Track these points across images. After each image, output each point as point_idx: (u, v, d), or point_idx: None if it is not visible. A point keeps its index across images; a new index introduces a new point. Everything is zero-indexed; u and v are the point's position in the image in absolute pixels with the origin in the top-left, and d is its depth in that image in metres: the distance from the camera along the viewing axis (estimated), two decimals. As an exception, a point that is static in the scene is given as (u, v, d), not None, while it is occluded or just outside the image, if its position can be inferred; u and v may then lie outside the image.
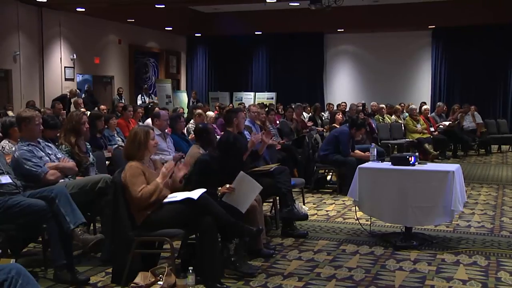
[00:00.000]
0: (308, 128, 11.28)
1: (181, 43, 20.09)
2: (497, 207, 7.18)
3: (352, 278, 4.40)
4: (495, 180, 9.67)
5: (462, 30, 16.74)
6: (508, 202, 7.56)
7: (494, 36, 16.54)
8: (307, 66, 18.82)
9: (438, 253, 5.05)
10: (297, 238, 5.61)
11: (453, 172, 5.18)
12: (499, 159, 12.99)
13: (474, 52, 16.76)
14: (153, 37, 18.36)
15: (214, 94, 19.28)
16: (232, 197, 4.73)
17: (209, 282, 4.16)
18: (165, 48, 19.08)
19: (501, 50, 16.66)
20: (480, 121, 14.24)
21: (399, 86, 17.86)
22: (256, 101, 17.57)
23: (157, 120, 6.88)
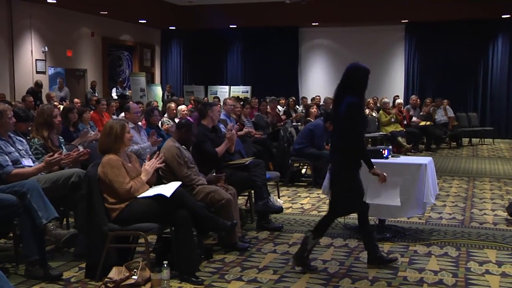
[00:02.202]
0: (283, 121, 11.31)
1: (156, 36, 19.90)
2: (468, 199, 7.32)
3: (327, 270, 4.44)
4: (466, 172, 9.85)
5: (435, 25, 16.94)
6: (478, 194, 7.71)
7: (465, 31, 16.78)
8: (282, 59, 18.84)
9: (411, 245, 5.13)
10: (272, 231, 5.64)
11: (426, 165, 5.26)
12: (470, 152, 13.24)
13: (446, 47, 16.98)
14: (126, 30, 18.16)
15: (189, 87, 19.17)
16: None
17: (185, 276, 4.16)
18: (139, 41, 18.88)
19: (472, 45, 16.91)
20: (452, 115, 14.48)
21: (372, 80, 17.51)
22: (231, 94, 17.52)
23: (128, 113, 6.85)
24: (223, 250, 4.94)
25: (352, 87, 4.37)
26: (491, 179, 9.01)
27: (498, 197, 7.46)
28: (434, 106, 14.40)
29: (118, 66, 18.78)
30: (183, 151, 5.10)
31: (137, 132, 6.69)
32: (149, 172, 4.47)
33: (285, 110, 13.37)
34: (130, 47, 18.77)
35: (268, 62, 18.91)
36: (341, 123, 4.30)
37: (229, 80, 19.62)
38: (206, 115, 5.94)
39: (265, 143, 8.83)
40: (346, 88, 4.37)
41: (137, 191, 4.27)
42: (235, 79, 19.58)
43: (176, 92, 18.69)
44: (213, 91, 18.58)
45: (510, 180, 8.97)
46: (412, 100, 14.24)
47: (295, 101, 14.81)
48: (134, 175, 4.35)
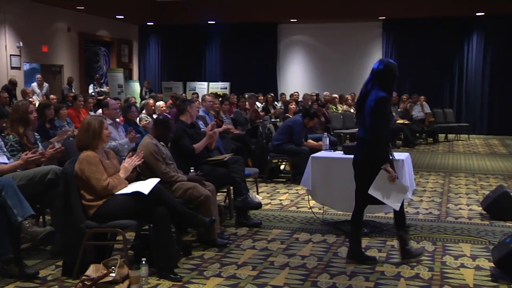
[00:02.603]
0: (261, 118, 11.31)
1: (133, 31, 19.73)
2: (444, 194, 7.42)
3: (305, 266, 4.47)
4: (442, 168, 9.98)
5: (412, 22, 17.10)
6: (453, 189, 7.82)
7: (441, 28, 16.97)
8: (260, 56, 18.84)
9: (388, 240, 5.18)
10: (251, 228, 5.65)
11: (403, 160, 5.32)
12: (446, 147, 13.42)
13: (423, 44, 17.16)
14: (104, 26, 17.96)
15: (167, 84, 19.05)
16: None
17: (163, 273, 4.14)
18: (117, 36, 18.70)
19: (448, 42, 17.12)
20: (429, 111, 14.66)
21: (350, 76, 18.10)
22: (210, 91, 17.46)
23: (106, 109, 6.79)
24: (202, 247, 4.94)
25: (381, 82, 4.43)
26: (466, 174, 9.14)
27: (473, 192, 7.58)
28: (411, 103, 14.57)
29: (95, 62, 18.56)
30: (161, 148, 5.07)
31: (115, 128, 6.63)
32: (128, 169, 4.45)
33: (263, 106, 13.38)
34: (107, 42, 18.57)
35: (246, 59, 18.89)
36: (369, 116, 4.35)
37: (208, 76, 19.56)
38: (185, 111, 5.92)
39: (244, 140, 8.83)
40: (376, 82, 4.43)
41: (115, 188, 4.24)
42: (214, 75, 19.52)
43: (154, 88, 18.56)
44: (191, 87, 18.51)
45: (484, 175, 9.12)
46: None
47: (274, 97, 14.84)
48: (112, 172, 4.32)
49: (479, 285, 4.01)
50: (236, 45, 19.11)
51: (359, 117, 4.56)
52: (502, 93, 16.97)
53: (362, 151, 4.49)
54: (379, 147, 4.37)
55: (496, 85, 16.97)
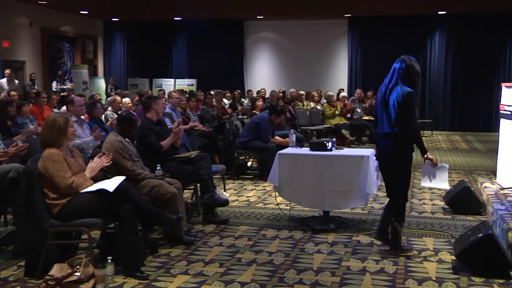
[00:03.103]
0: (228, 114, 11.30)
1: (98, 27, 19.43)
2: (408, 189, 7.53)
3: (272, 262, 4.49)
4: (407, 164, 10.12)
5: (377, 19, 17.32)
6: (417, 184, 7.95)
7: (406, 26, 17.23)
8: (227, 52, 18.79)
9: (354, 235, 5.25)
10: (218, 225, 5.64)
11: (368, 156, 5.38)
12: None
13: (388, 41, 17.37)
14: (67, 21, 17.63)
15: (133, 80, 18.83)
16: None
17: (129, 271, 4.10)
18: (81, 32, 18.38)
19: (412, 40, 17.38)
20: (393, 108, 14.85)
21: (317, 73, 18.25)
22: (176, 87, 17.34)
23: (71, 106, 6.69)
24: (168, 244, 4.91)
25: (406, 79, 4.57)
26: (430, 170, 9.30)
27: (437, 187, 7.72)
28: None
29: (59, 58, 18.21)
30: (126, 145, 5.02)
31: (79, 126, 6.55)
32: (95, 170, 4.38)
33: (231, 103, 13.36)
34: (71, 38, 18.24)
35: (213, 55, 18.83)
36: (398, 110, 4.45)
37: (174, 73, 19.42)
38: (150, 108, 5.87)
39: (211, 136, 8.80)
40: (399, 80, 4.57)
41: (80, 186, 4.17)
42: (180, 72, 19.40)
43: (120, 85, 18.34)
44: (158, 84, 18.35)
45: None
46: (357, 93, 14.56)
47: (241, 94, 14.84)
48: (76, 170, 4.25)
49: (441, 277, 4.10)
50: (203, 42, 19.02)
51: (381, 114, 4.64)
52: (464, 90, 17.36)
53: (390, 147, 4.56)
54: (408, 139, 4.50)
55: (458, 82, 17.34)
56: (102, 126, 7.27)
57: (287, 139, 7.61)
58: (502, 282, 3.97)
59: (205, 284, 4.01)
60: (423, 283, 3.99)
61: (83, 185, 4.20)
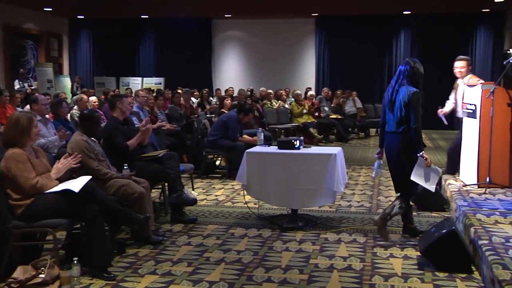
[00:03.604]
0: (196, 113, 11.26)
1: (63, 25, 19.07)
2: (375, 187, 7.66)
3: (241, 261, 4.49)
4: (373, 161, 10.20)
5: (343, 19, 17.50)
6: (384, 182, 8.07)
7: (372, 25, 17.47)
8: (195, 51, 18.72)
9: (322, 233, 5.30)
10: (186, 224, 5.63)
11: (335, 155, 5.43)
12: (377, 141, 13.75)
13: (355, 40, 17.59)
14: (30, 18, 17.25)
15: (99, 79, 18.57)
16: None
17: (96, 272, 4.06)
18: (45, 30, 18.01)
19: (378, 39, 17.65)
20: (360, 106, 15.07)
21: (285, 72, 18.33)
22: (144, 86, 17.18)
23: (35, 105, 6.56)
24: (136, 244, 4.87)
25: (411, 80, 4.84)
26: (396, 168, 9.44)
27: (402, 185, 7.85)
28: (344, 98, 14.92)
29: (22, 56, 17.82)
30: (92, 144, 4.95)
31: (44, 125, 6.43)
32: (61, 170, 4.29)
33: (199, 102, 13.32)
34: (35, 36, 17.86)
35: (181, 54, 18.73)
36: (404, 110, 4.74)
37: (142, 72, 19.24)
38: (116, 107, 5.80)
39: (178, 135, 8.76)
40: (406, 80, 4.84)
41: (45, 187, 4.09)
42: (148, 70, 19.23)
43: (86, 83, 18.05)
44: (125, 83, 18.15)
45: (413, 168, 9.46)
46: (324, 92, 14.68)
47: (209, 93, 14.80)
48: (41, 170, 4.18)
49: (406, 273, 4.17)
50: (171, 40, 18.90)
51: (388, 114, 4.94)
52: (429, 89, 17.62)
53: (399, 145, 4.84)
54: (418, 136, 4.73)
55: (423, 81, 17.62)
56: (67, 125, 7.16)
57: (255, 138, 7.63)
58: (464, 277, 4.06)
59: (173, 283, 3.99)
60: (389, 279, 4.05)
61: (48, 186, 4.12)
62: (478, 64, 17.38)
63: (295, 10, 16.87)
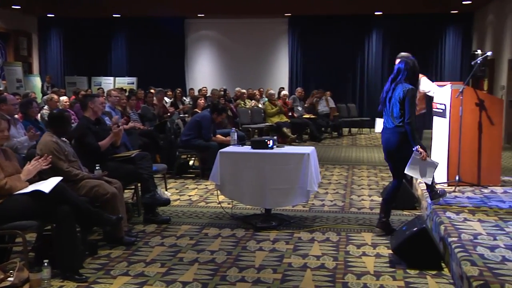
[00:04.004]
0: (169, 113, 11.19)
1: (32, 23, 18.75)
2: (348, 186, 7.73)
3: (214, 261, 4.49)
4: (346, 160, 10.38)
5: (316, 19, 17.61)
6: (356, 181, 8.16)
7: (344, 26, 17.62)
8: (168, 51, 18.62)
9: (295, 232, 5.32)
10: (159, 224, 5.59)
11: (308, 154, 5.46)
12: (350, 141, 13.96)
13: (327, 40, 17.71)
14: (-2, 16, 16.93)
15: (70, 78, 18.32)
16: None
17: (67, 274, 4.00)
18: (13, 28, 17.67)
19: (350, 39, 17.82)
20: (333, 106, 15.19)
21: (258, 72, 18.36)
22: (116, 86, 17.02)
23: (4, 105, 6.43)
24: (108, 246, 4.83)
25: (409, 76, 5.02)
26: (368, 167, 9.57)
27: (374, 183, 7.95)
28: (317, 98, 15.01)
29: (-10, 55, 17.48)
30: (62, 145, 4.88)
31: (13, 125, 6.30)
32: (31, 172, 4.24)
33: (172, 101, 13.24)
34: (3, 34, 17.50)
35: (154, 53, 18.61)
36: (400, 106, 4.93)
37: (114, 71, 19.05)
38: (87, 107, 5.73)
39: (151, 135, 8.70)
40: (404, 77, 5.02)
41: (14, 188, 4.03)
42: (120, 70, 19.05)
43: (57, 83, 17.78)
44: (97, 82, 17.95)
45: (384, 167, 9.57)
46: (298, 92, 14.75)
47: (182, 93, 14.73)
48: (10, 172, 4.11)
49: (379, 271, 4.22)
50: (143, 40, 18.77)
51: (385, 110, 5.14)
52: (400, 88, 17.90)
53: (395, 139, 5.00)
54: (412, 131, 4.89)
55: (394, 81, 17.87)
56: (38, 125, 7.04)
57: (229, 138, 7.62)
58: (434, 273, 4.13)
59: (146, 284, 3.96)
60: (361, 277, 4.09)
61: (18, 187, 4.06)
62: (448, 64, 17.70)
63: (268, 10, 16.91)
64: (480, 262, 3.63)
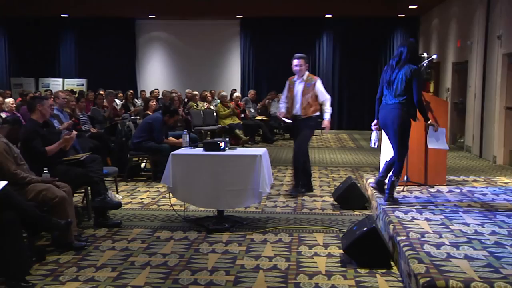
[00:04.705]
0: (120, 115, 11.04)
1: (-25, 23, 18.14)
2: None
3: (167, 264, 4.45)
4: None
5: (268, 21, 17.73)
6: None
7: (295, 28, 17.81)
8: (118, 52, 18.35)
9: (248, 234, 5.34)
10: (110, 228, 5.51)
11: (261, 156, 5.49)
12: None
13: (279, 42, 17.84)
14: None
15: (16, 80, 17.78)
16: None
17: (13, 281, 3.88)
18: (-45, 27, 17.05)
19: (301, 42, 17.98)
20: (285, 108, 15.29)
21: (210, 73, 18.32)
22: (65, 87, 16.64)
23: None
24: (57, 251, 4.72)
25: (411, 59, 5.44)
26: (320, 168, 9.69)
27: (326, 184, 8.06)
28: (269, 99, 15.11)
29: None
30: (12, 147, 4.75)
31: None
32: None
33: (123, 103, 13.07)
34: None
35: (104, 54, 18.30)
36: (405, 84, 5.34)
37: (63, 72, 18.60)
38: (35, 109, 5.57)
39: (102, 138, 8.57)
40: (407, 58, 5.43)
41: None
42: (69, 71, 18.63)
43: (2, 84, 17.23)
44: (44, 84, 17.49)
45: (335, 168, 9.75)
46: (250, 94, 14.82)
47: (134, 94, 14.55)
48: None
49: (330, 271, 4.29)
50: (93, 40, 18.43)
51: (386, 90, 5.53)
52: (350, 90, 18.25)
53: (395, 114, 5.40)
54: (421, 107, 5.44)
55: (344, 83, 18.21)
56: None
57: (181, 140, 7.58)
58: (384, 272, 4.23)
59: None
60: (313, 277, 4.14)
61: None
62: (396, 67, 18.13)
63: (220, 12, 16.91)
64: (426, 259, 3.74)
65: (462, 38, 12.57)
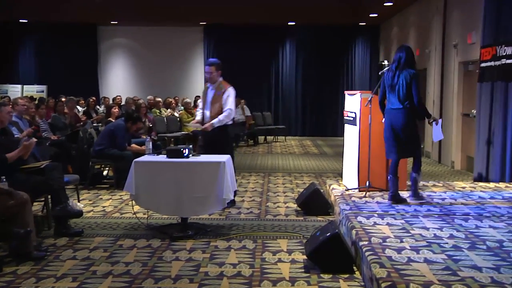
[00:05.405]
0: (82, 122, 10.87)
1: None
2: (264, 194, 7.84)
3: (129, 272, 4.40)
4: (262, 168, 10.53)
5: (231, 28, 17.78)
6: (272, 188, 8.30)
7: (259, 35, 17.93)
8: (80, 58, 18.10)
9: (212, 241, 5.32)
10: (71, 237, 5.41)
11: (224, 162, 5.50)
12: (265, 149, 14.18)
13: (243, 49, 17.94)
14: None
15: (-27, 86, 17.36)
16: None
17: (-30, 294, 3.78)
18: None
19: (265, 49, 18.18)
20: (249, 114, 15.39)
21: (173, 80, 18.26)
22: (24, 94, 16.30)
23: None
24: (15, 261, 4.60)
25: (410, 62, 5.78)
26: (283, 174, 9.75)
27: (289, 190, 8.12)
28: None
29: None
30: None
31: None
32: None
33: (85, 110, 12.87)
34: None
35: (65, 61, 18.03)
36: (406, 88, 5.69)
37: (22, 79, 18.24)
38: (-7, 117, 5.45)
39: (63, 145, 8.43)
40: (405, 63, 5.75)
41: None
42: (29, 77, 18.28)
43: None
44: (2, 90, 17.11)
45: (299, 174, 9.82)
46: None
47: (96, 101, 14.35)
48: None
49: (294, 277, 4.31)
50: (53, 46, 18.15)
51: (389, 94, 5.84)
52: (313, 97, 18.45)
53: (401, 118, 5.76)
54: (422, 107, 5.83)
55: (307, 89, 18.41)
56: None
57: (144, 147, 7.51)
58: (346, 277, 4.28)
59: (57, 301, 3.82)
60: (277, 284, 4.16)
61: None
62: (358, 74, 18.45)
63: (183, 18, 16.88)
64: (388, 264, 3.80)
65: (420, 46, 12.88)
